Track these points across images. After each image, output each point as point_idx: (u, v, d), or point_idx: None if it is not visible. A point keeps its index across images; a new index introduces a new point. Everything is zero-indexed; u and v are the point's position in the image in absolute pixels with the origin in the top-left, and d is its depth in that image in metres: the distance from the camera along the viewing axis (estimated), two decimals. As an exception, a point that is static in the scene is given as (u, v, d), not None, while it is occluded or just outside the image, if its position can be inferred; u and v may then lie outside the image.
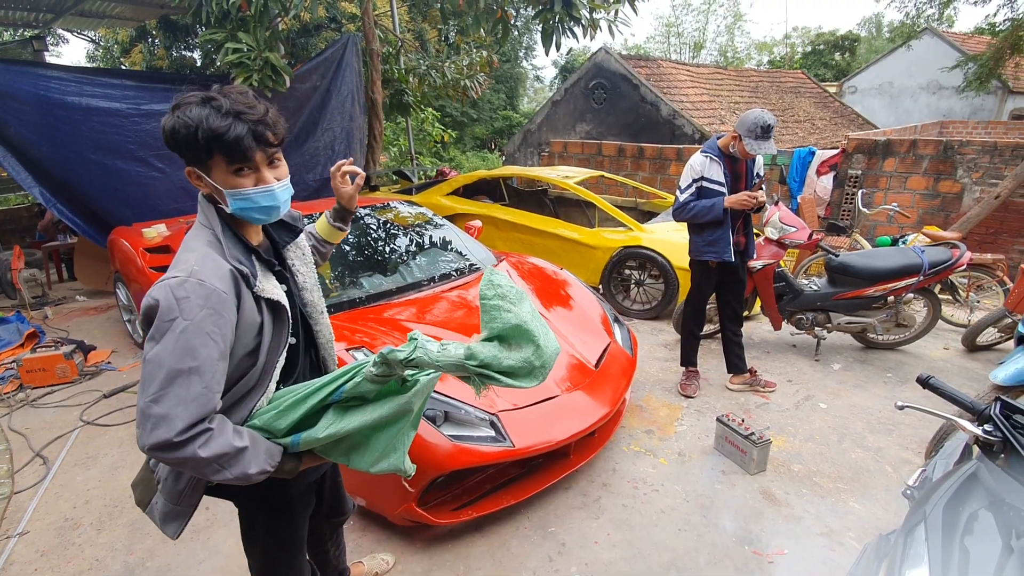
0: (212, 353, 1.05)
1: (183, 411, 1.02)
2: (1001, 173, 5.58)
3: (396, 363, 1.12)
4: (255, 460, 1.10)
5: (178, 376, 1.02)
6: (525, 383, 1.13)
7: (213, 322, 1.05)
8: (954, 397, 1.46)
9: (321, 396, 1.16)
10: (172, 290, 1.04)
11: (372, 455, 1.21)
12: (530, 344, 1.12)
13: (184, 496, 1.24)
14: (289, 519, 1.41)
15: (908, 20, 13.18)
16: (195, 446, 1.02)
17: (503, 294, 1.15)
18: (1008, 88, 16.36)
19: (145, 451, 1.04)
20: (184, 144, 1.10)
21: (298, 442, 1.16)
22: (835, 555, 2.27)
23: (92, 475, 2.85)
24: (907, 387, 3.61)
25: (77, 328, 4.84)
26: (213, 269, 1.08)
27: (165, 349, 1.02)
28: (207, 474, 1.07)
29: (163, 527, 1.27)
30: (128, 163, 5.25)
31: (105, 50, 11.43)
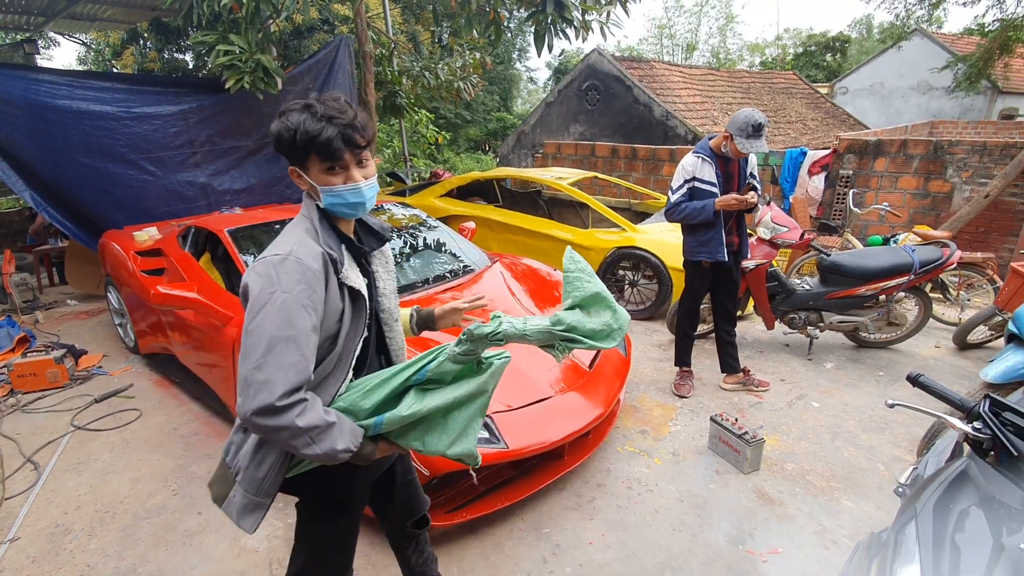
0: (307, 324, 1.14)
1: (283, 376, 1.10)
2: (991, 172, 5.63)
3: (481, 338, 1.20)
4: (342, 437, 1.17)
5: (277, 344, 1.10)
6: (606, 344, 1.26)
7: (308, 296, 1.15)
8: (944, 395, 1.47)
9: (405, 376, 1.23)
10: (273, 266, 1.15)
11: (449, 436, 1.26)
12: (608, 310, 1.27)
13: (264, 486, 1.28)
14: (346, 514, 1.45)
15: (898, 21, 13.30)
16: (293, 414, 1.10)
17: (583, 267, 1.32)
18: (997, 88, 16.51)
19: (248, 416, 1.10)
20: (286, 146, 1.21)
21: (381, 422, 1.22)
22: (828, 553, 2.27)
23: (83, 480, 2.82)
24: (899, 385, 3.63)
25: (68, 332, 4.81)
26: (308, 251, 1.19)
27: (266, 319, 1.12)
28: (299, 447, 1.13)
29: (240, 521, 1.31)
30: (119, 166, 5.23)
31: (96, 53, 11.36)
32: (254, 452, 1.28)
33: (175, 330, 3.46)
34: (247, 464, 1.29)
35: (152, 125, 5.34)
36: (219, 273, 3.55)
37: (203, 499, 2.64)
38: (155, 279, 3.68)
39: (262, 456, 1.27)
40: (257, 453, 1.28)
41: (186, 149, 5.64)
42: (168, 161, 5.54)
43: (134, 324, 4.07)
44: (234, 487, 1.31)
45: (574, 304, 1.27)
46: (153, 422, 3.34)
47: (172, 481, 2.79)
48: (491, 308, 1.59)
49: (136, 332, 4.08)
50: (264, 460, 1.27)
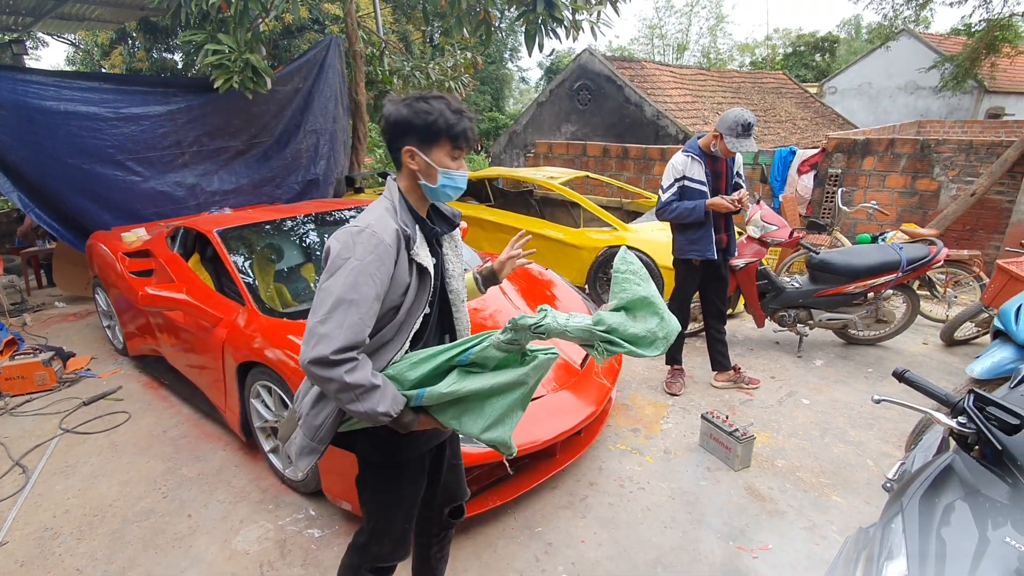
0: (370, 292, 1.26)
1: (340, 333, 1.22)
2: (977, 171, 5.70)
3: (525, 329, 1.24)
4: (383, 400, 1.27)
5: (342, 304, 1.23)
6: (648, 351, 1.24)
7: (376, 267, 1.26)
8: (929, 391, 1.49)
9: (450, 355, 1.30)
10: (351, 236, 1.27)
11: (484, 420, 1.31)
12: (655, 316, 1.25)
13: (320, 433, 1.39)
14: (397, 482, 1.53)
15: (886, 22, 13.42)
16: (343, 369, 1.22)
17: (635, 270, 1.30)
18: (984, 88, 16.71)
19: (305, 364, 1.23)
20: (420, 127, 1.32)
21: (423, 395, 1.29)
22: (818, 549, 2.29)
23: (72, 484, 2.79)
24: (887, 382, 3.67)
25: (56, 335, 4.75)
26: (385, 226, 1.30)
27: (336, 281, 1.24)
28: (344, 400, 1.26)
29: (297, 460, 1.42)
30: (107, 167, 5.19)
31: (85, 53, 11.24)
32: (314, 402, 1.40)
33: (164, 332, 3.43)
34: (307, 411, 1.40)
35: (140, 126, 5.30)
36: (208, 274, 3.53)
37: (193, 502, 2.63)
38: (143, 280, 3.65)
39: (321, 407, 1.39)
40: (317, 404, 1.39)
41: (174, 150, 5.60)
42: (156, 162, 5.49)
43: (123, 326, 4.03)
44: (296, 430, 1.44)
45: (619, 306, 1.27)
46: (142, 425, 3.31)
47: (161, 484, 2.77)
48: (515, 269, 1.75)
49: (125, 334, 4.04)
50: (322, 410, 1.39)
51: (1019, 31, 11.19)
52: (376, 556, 1.58)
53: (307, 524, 2.46)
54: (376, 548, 1.57)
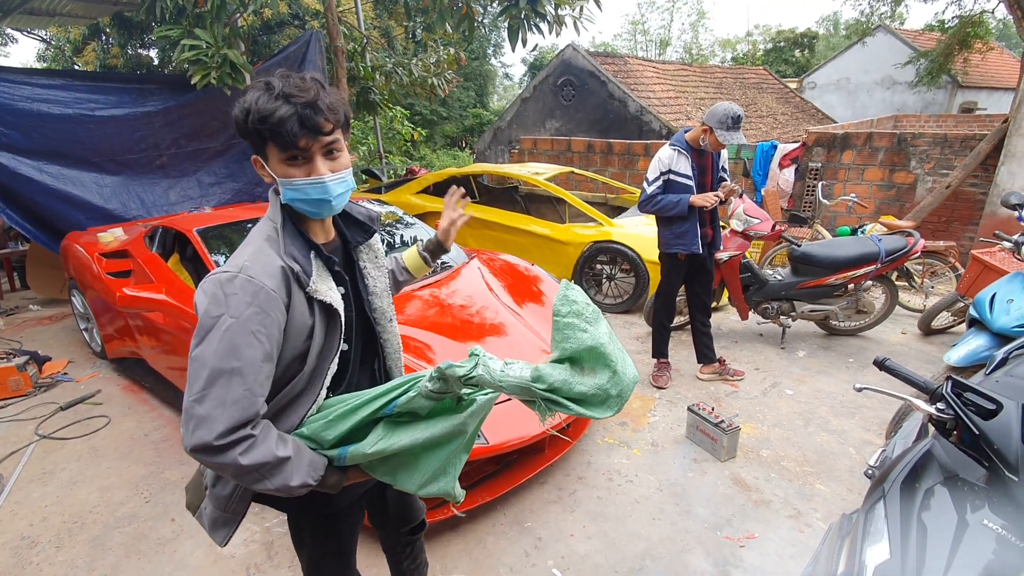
0: (256, 354, 1.01)
1: (223, 413, 0.99)
2: (951, 164, 5.82)
3: (454, 379, 1.05)
4: (298, 472, 1.06)
5: (220, 376, 0.99)
6: (597, 413, 1.03)
7: (259, 321, 1.01)
8: (909, 378, 1.52)
9: (372, 409, 1.10)
10: (221, 286, 1.02)
11: (421, 476, 1.14)
12: (606, 369, 1.03)
13: (232, 503, 1.21)
14: (335, 532, 1.36)
15: (863, 18, 13.64)
16: (235, 452, 0.99)
17: (579, 312, 1.05)
18: (957, 83, 17.08)
19: (188, 452, 1.01)
20: (242, 130, 1.06)
21: (345, 455, 1.11)
22: (803, 536, 2.33)
23: (49, 491, 2.73)
24: (868, 371, 3.74)
25: (31, 338, 4.63)
26: (264, 266, 1.05)
27: (209, 347, 1.00)
28: (248, 482, 1.05)
29: (211, 533, 1.25)
30: (83, 169, 5.11)
31: (57, 49, 10.94)
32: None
33: (144, 333, 3.36)
34: (213, 482, 1.23)
35: (117, 128, 5.21)
36: (188, 274, 3.46)
37: (176, 506, 2.58)
38: (121, 281, 3.57)
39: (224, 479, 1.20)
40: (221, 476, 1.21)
41: (151, 152, 5.51)
42: (134, 163, 5.41)
43: (100, 328, 3.94)
44: (205, 499, 1.25)
45: (563, 357, 1.04)
46: (123, 428, 3.25)
47: (144, 488, 2.72)
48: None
49: (103, 336, 3.95)
50: (228, 480, 1.19)
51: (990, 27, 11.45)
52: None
53: (294, 525, 2.43)
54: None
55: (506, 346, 2.80)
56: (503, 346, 2.80)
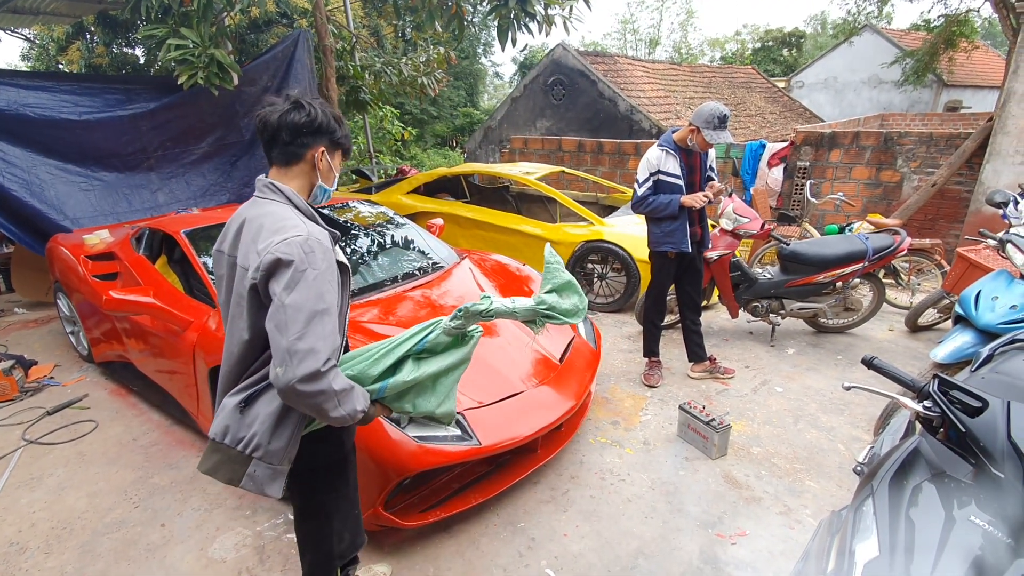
0: (334, 299, 1.29)
1: (324, 344, 1.22)
2: (937, 162, 5.90)
3: (475, 315, 1.43)
4: (360, 399, 1.32)
5: (315, 316, 1.22)
6: (574, 319, 1.56)
7: (332, 274, 1.30)
8: (896, 376, 1.53)
9: (408, 346, 1.43)
10: (301, 246, 1.26)
11: (437, 399, 1.47)
12: (576, 294, 1.57)
13: (288, 453, 1.38)
14: (345, 475, 1.60)
15: (849, 17, 13.77)
16: (330, 378, 1.23)
17: (558, 261, 1.62)
18: (943, 82, 17.30)
19: (291, 385, 1.20)
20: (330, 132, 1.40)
21: (386, 387, 1.40)
22: (793, 533, 2.35)
23: (37, 497, 2.69)
24: (856, 368, 3.78)
25: (16, 342, 4.56)
26: (320, 232, 1.34)
27: (302, 295, 1.22)
28: (328, 409, 1.24)
29: (267, 491, 1.38)
30: (69, 171, 5.06)
31: (41, 48, 10.75)
32: (273, 428, 1.35)
33: (131, 337, 3.32)
34: (268, 440, 1.36)
35: (103, 131, 5.15)
36: (177, 276, 3.43)
37: (166, 511, 2.56)
38: (108, 284, 3.52)
39: (281, 430, 1.36)
40: (276, 428, 1.36)
41: (139, 154, 5.45)
42: (120, 166, 5.35)
43: (87, 332, 3.89)
44: (251, 463, 1.37)
45: (552, 289, 1.55)
46: (111, 433, 3.21)
47: (132, 494, 2.69)
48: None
49: (89, 340, 3.90)
50: (283, 432, 1.36)
51: (975, 26, 11.61)
52: (341, 555, 1.60)
53: (286, 529, 2.41)
54: (339, 547, 1.59)
55: (497, 347, 2.80)
56: (494, 347, 2.80)
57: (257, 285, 1.29)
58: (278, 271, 1.25)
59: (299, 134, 1.36)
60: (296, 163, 1.39)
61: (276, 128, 1.36)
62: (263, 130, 1.37)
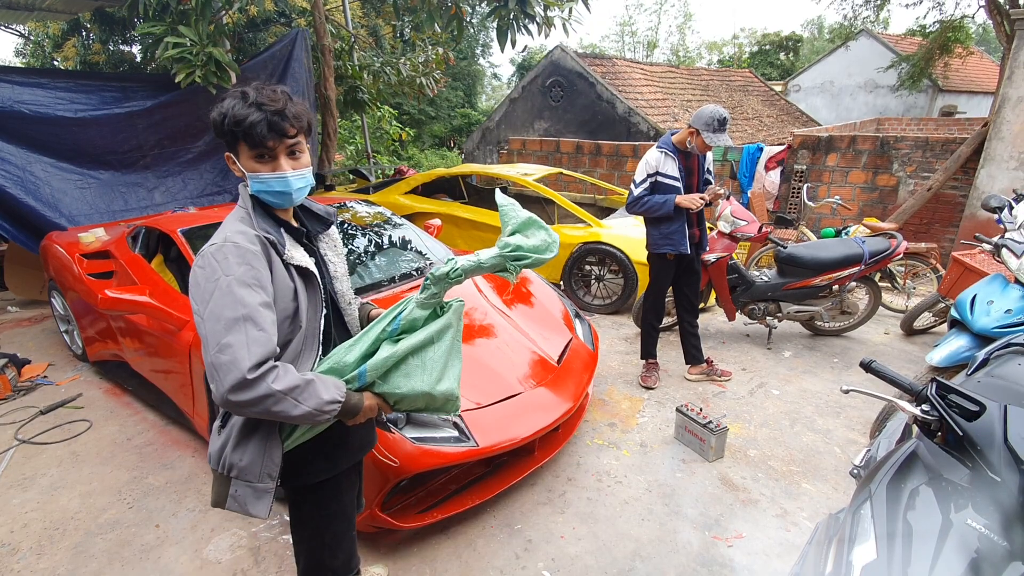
0: (256, 300, 1.18)
1: (246, 352, 1.13)
2: (932, 167, 5.93)
3: (443, 278, 1.35)
4: (325, 389, 1.22)
5: (235, 324, 1.14)
6: (547, 255, 1.43)
7: (251, 275, 1.19)
8: (894, 379, 1.54)
9: (381, 327, 1.35)
10: (211, 255, 1.20)
11: (430, 373, 1.35)
12: (542, 229, 1.45)
13: (265, 468, 1.30)
14: (338, 495, 1.50)
15: (846, 22, 13.85)
16: (268, 381, 1.14)
17: (512, 202, 1.49)
18: (938, 87, 17.41)
19: (224, 399, 1.13)
20: (219, 131, 1.25)
21: (365, 370, 1.31)
22: (790, 535, 2.36)
23: (30, 497, 2.67)
24: (853, 371, 3.79)
25: (9, 341, 4.53)
26: (243, 234, 1.24)
27: (217, 304, 1.15)
28: (284, 410, 1.16)
29: (252, 510, 1.32)
30: (64, 169, 5.02)
31: (35, 45, 10.69)
32: (239, 444, 1.30)
33: (127, 336, 3.30)
34: (239, 457, 1.31)
35: (99, 129, 5.12)
36: (172, 275, 3.41)
37: (161, 511, 2.54)
38: (103, 283, 3.50)
39: (248, 445, 1.30)
40: (243, 445, 1.30)
41: (135, 153, 5.42)
42: (116, 164, 5.32)
43: (81, 331, 3.87)
44: (232, 484, 1.33)
45: (514, 230, 1.45)
46: (105, 433, 3.19)
47: (127, 494, 2.67)
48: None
49: (84, 339, 3.87)
50: (249, 448, 1.30)
51: (970, 32, 11.69)
52: (334, 572, 1.56)
53: (281, 530, 2.40)
54: (333, 564, 1.55)
55: (495, 348, 2.80)
56: (492, 348, 2.79)
57: None
58: (192, 287, 1.21)
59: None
60: None
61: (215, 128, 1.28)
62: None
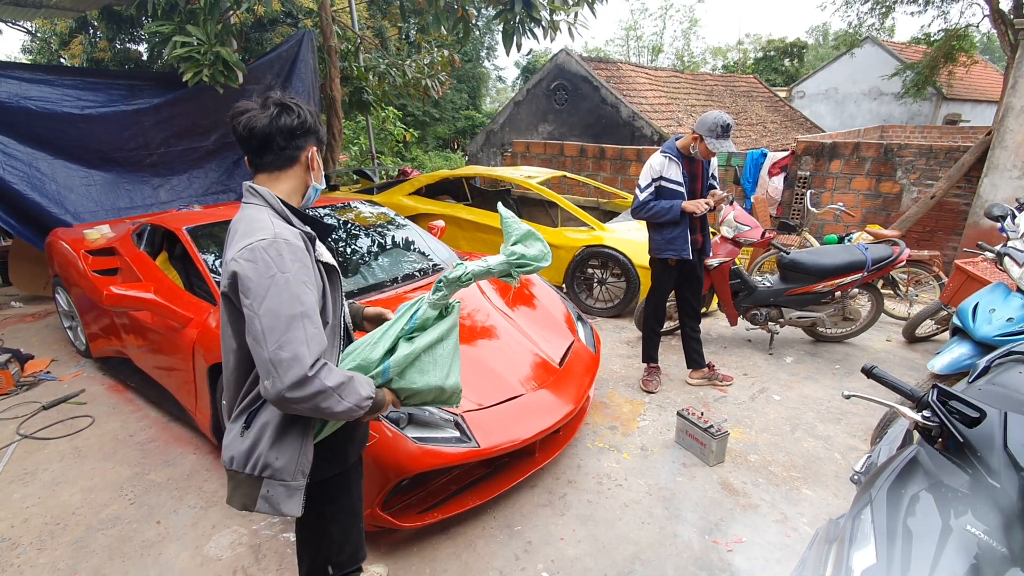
0: (311, 299, 1.23)
1: (307, 349, 1.17)
2: (936, 174, 5.93)
3: (455, 281, 1.45)
4: (362, 385, 1.28)
5: (294, 321, 1.18)
6: (543, 263, 1.58)
7: (305, 274, 1.24)
8: (895, 386, 1.54)
9: (401, 324, 1.44)
10: (264, 250, 1.20)
11: (440, 369, 1.47)
12: (539, 240, 1.60)
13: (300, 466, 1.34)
14: (347, 489, 1.55)
15: (851, 29, 13.86)
16: (322, 377, 1.19)
17: (512, 215, 1.64)
18: (942, 95, 17.41)
19: (281, 395, 1.17)
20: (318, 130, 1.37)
21: (388, 366, 1.39)
22: (789, 541, 2.36)
23: (31, 492, 2.68)
24: (854, 378, 3.79)
25: (12, 336, 4.55)
26: (290, 232, 1.27)
27: (274, 300, 1.18)
28: (331, 406, 1.21)
29: (285, 510, 1.34)
30: (70, 166, 5.04)
31: (43, 42, 10.76)
32: (276, 444, 1.31)
33: (130, 333, 3.32)
34: (274, 457, 1.32)
35: (105, 126, 5.15)
36: (177, 273, 3.43)
37: (162, 508, 2.55)
38: (108, 279, 3.52)
39: (285, 444, 1.32)
40: (279, 444, 1.32)
41: (141, 151, 5.45)
42: (123, 161, 5.34)
43: (85, 327, 3.89)
44: (263, 484, 1.33)
45: (516, 240, 1.59)
46: (107, 429, 3.20)
47: (128, 490, 2.68)
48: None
49: (88, 335, 3.89)
50: (287, 446, 1.32)
51: (974, 41, 11.70)
52: (339, 566, 1.57)
53: (282, 528, 2.41)
54: (337, 558, 1.57)
55: (498, 349, 2.80)
56: (494, 349, 2.80)
57: (228, 293, 1.27)
58: (244, 282, 1.20)
59: (293, 136, 1.31)
60: (291, 167, 1.35)
61: (267, 134, 1.28)
62: (250, 138, 1.29)
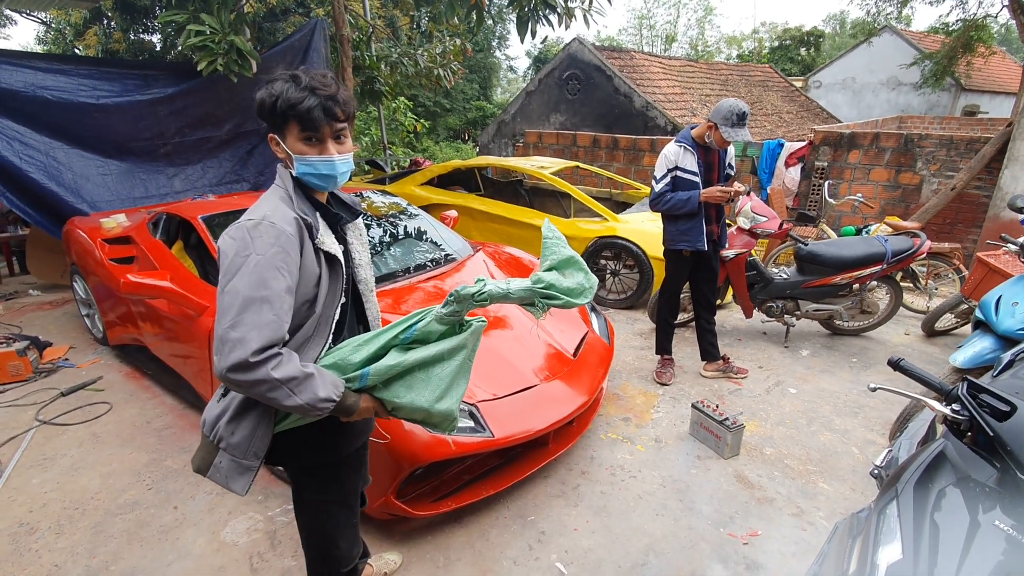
0: (280, 286, 1.18)
1: (256, 334, 1.13)
2: (957, 166, 5.81)
3: (467, 298, 1.27)
4: (322, 386, 1.21)
5: (252, 304, 1.14)
6: (580, 300, 1.37)
7: (281, 259, 1.19)
8: (923, 378, 1.51)
9: (393, 333, 1.30)
10: (247, 231, 1.19)
11: (434, 389, 1.31)
12: (581, 272, 1.40)
13: (250, 447, 1.30)
14: (339, 481, 1.50)
15: (869, 18, 13.57)
16: (268, 367, 1.14)
17: (558, 236, 1.45)
18: (961, 86, 17.03)
19: (223, 374, 1.14)
20: (267, 112, 1.24)
21: (368, 374, 1.27)
22: (806, 535, 2.33)
23: (49, 477, 2.72)
24: (872, 371, 3.74)
25: (31, 323, 4.61)
26: (282, 216, 1.23)
27: (240, 280, 1.16)
28: (280, 399, 1.16)
29: (230, 485, 1.32)
30: (86, 155, 5.08)
31: (57, 32, 10.84)
32: (232, 419, 1.31)
33: (147, 320, 3.34)
34: (231, 432, 1.31)
35: (120, 116, 5.18)
36: (192, 261, 3.45)
37: (179, 493, 2.58)
38: (124, 267, 3.55)
39: (239, 421, 1.30)
40: (235, 420, 1.30)
41: (156, 140, 5.48)
42: (138, 151, 5.38)
43: (102, 315, 3.93)
44: (218, 454, 1.33)
45: (551, 266, 1.39)
46: (124, 415, 3.24)
47: (146, 476, 2.71)
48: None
49: (105, 323, 3.93)
50: (243, 425, 1.30)
51: (992, 32, 11.41)
52: (337, 560, 1.56)
53: (297, 515, 2.43)
54: (335, 552, 1.55)
55: (512, 338, 2.79)
56: (508, 338, 2.79)
57: None
58: (222, 258, 1.20)
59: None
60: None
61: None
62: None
